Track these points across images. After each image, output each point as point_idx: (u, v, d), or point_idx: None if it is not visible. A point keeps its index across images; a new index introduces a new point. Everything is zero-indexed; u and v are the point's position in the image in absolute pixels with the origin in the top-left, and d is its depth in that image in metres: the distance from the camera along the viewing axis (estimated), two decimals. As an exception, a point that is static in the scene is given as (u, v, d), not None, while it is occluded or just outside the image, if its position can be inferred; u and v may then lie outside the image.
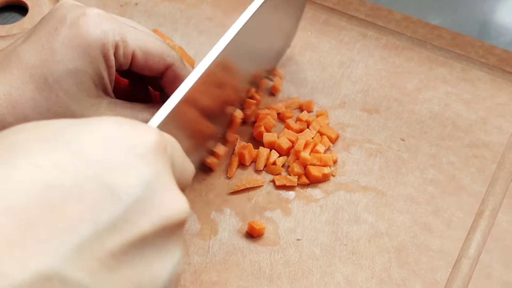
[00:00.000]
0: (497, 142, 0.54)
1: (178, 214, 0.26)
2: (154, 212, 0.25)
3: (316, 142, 0.52)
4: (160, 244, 0.26)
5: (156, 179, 0.26)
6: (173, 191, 0.26)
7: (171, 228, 0.26)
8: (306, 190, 0.51)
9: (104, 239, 0.23)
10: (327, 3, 0.65)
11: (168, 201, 0.26)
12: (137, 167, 0.25)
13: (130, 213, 0.24)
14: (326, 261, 0.46)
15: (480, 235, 0.48)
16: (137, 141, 0.26)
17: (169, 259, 0.26)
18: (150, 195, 0.25)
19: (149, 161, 0.26)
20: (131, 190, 0.24)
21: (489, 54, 0.60)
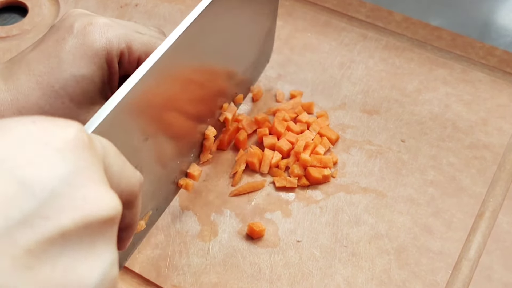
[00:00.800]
0: (497, 144, 0.54)
1: (104, 211, 0.24)
2: (74, 207, 0.24)
3: (316, 143, 0.52)
4: (86, 243, 0.24)
5: (76, 174, 0.24)
6: (99, 187, 0.25)
7: (97, 226, 0.24)
8: (306, 192, 0.50)
9: (17, 236, 0.22)
10: (327, 4, 0.65)
11: (91, 197, 0.24)
12: (54, 161, 0.24)
13: (46, 208, 0.23)
14: (326, 262, 0.46)
15: (481, 237, 0.48)
16: (54, 136, 0.25)
17: (97, 260, 0.24)
18: (70, 190, 0.24)
19: (67, 155, 0.24)
20: (46, 185, 0.23)
21: (490, 55, 0.60)
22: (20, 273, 0.22)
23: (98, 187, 0.25)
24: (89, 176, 0.25)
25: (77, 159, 0.25)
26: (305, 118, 0.54)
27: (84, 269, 0.24)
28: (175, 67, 0.41)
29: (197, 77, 0.45)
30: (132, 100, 0.37)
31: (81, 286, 0.23)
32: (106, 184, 0.26)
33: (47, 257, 0.23)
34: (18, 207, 0.22)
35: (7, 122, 0.25)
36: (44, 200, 0.23)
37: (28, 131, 0.24)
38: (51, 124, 0.25)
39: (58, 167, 0.24)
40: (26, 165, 0.23)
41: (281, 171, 0.51)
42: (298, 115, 0.54)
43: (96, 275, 0.24)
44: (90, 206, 0.24)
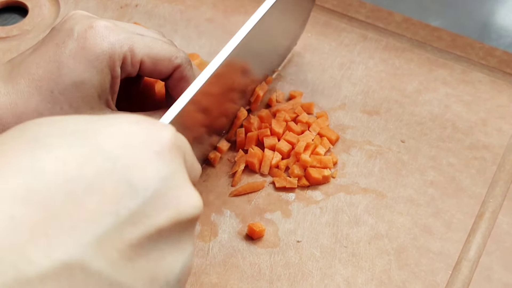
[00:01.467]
0: (497, 144, 0.54)
1: (192, 210, 0.27)
2: (170, 207, 0.26)
3: (316, 144, 0.52)
4: (174, 238, 0.26)
5: (172, 175, 0.26)
6: (188, 188, 0.27)
7: (185, 223, 0.27)
8: (306, 192, 0.50)
9: (124, 231, 0.24)
10: (327, 4, 0.65)
11: (183, 197, 0.27)
12: (155, 163, 0.26)
13: (147, 207, 0.25)
14: (326, 263, 0.46)
15: (481, 237, 0.48)
16: (154, 138, 0.27)
17: (182, 252, 0.27)
18: (167, 190, 0.26)
19: (165, 158, 0.27)
20: (148, 185, 0.25)
21: (490, 56, 0.60)
22: (123, 264, 0.24)
23: (187, 188, 0.27)
24: (180, 177, 0.27)
25: (171, 161, 0.27)
26: (305, 118, 0.54)
27: (171, 261, 0.26)
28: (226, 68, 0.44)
29: (237, 70, 0.48)
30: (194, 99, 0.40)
31: (168, 276, 0.26)
32: (191, 184, 0.28)
33: (144, 251, 0.25)
34: (126, 205, 0.25)
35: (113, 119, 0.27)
36: (146, 199, 0.25)
37: (133, 132, 0.27)
38: (150, 125, 0.28)
39: (158, 169, 0.26)
40: (132, 165, 0.25)
41: (281, 171, 0.51)
42: (298, 116, 0.54)
43: (180, 266, 0.27)
44: (182, 206, 0.27)
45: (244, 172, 0.51)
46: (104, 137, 0.26)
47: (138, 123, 0.27)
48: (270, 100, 0.56)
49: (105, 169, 0.25)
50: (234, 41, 0.44)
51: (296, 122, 0.54)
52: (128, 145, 0.26)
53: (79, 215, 0.23)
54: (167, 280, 0.26)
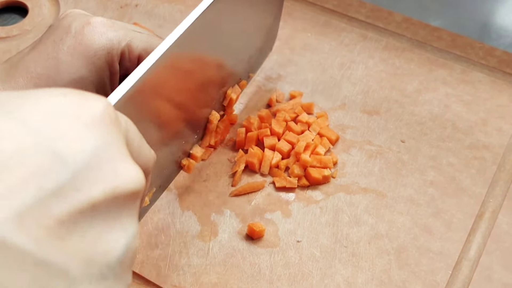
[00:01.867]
0: (497, 144, 0.54)
1: (130, 184, 0.25)
2: (104, 180, 0.24)
3: (317, 144, 0.52)
4: (112, 215, 0.25)
5: (106, 147, 0.25)
6: (125, 161, 0.25)
7: (123, 199, 0.25)
8: (306, 192, 0.50)
9: (50, 206, 0.22)
10: (328, 4, 0.65)
11: (119, 170, 0.25)
12: (85, 134, 0.24)
13: (78, 181, 0.23)
14: (326, 263, 0.46)
15: (481, 237, 0.48)
16: (85, 109, 0.25)
17: (122, 232, 0.25)
18: (100, 162, 0.24)
19: (97, 130, 0.25)
20: (78, 157, 0.24)
21: (490, 56, 0.60)
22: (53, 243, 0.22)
23: (125, 161, 0.25)
24: (116, 150, 0.25)
25: (105, 133, 0.25)
26: (305, 118, 0.54)
27: (110, 240, 0.24)
28: (182, 56, 0.42)
29: (202, 65, 0.46)
30: (144, 82, 0.38)
31: (107, 256, 0.24)
32: (131, 158, 0.26)
33: (77, 228, 0.23)
34: (52, 178, 0.23)
35: (38, 93, 0.25)
36: (76, 172, 0.23)
37: (60, 104, 0.25)
38: (81, 98, 0.26)
39: (89, 140, 0.24)
40: (59, 137, 0.24)
41: (281, 171, 0.51)
42: (298, 116, 0.54)
43: (121, 246, 0.25)
44: (119, 179, 0.24)
45: (244, 172, 0.51)
46: (28, 110, 0.24)
47: (65, 95, 0.25)
48: (270, 100, 0.56)
49: (27, 142, 0.23)
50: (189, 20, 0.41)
51: (296, 122, 0.54)
52: (54, 116, 0.24)
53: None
54: (107, 261, 0.24)
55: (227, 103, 0.52)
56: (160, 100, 0.42)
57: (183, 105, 0.47)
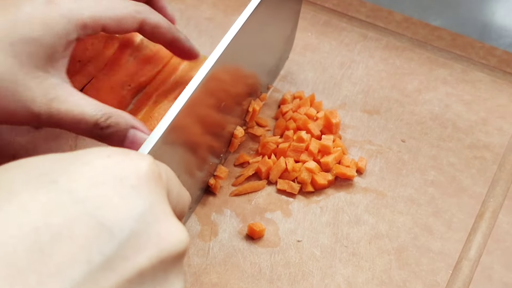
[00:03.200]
0: (497, 144, 0.54)
1: (176, 245, 0.25)
2: (150, 245, 0.24)
3: (344, 151, 0.52)
4: (160, 278, 0.25)
5: (151, 210, 0.24)
6: (170, 221, 0.25)
7: (171, 261, 0.25)
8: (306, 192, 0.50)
9: (99, 279, 0.22)
10: (328, 4, 0.65)
11: (165, 232, 0.25)
12: (130, 199, 0.24)
13: (125, 249, 0.23)
14: (327, 262, 0.46)
15: (481, 237, 0.48)
16: (129, 171, 0.25)
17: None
18: (145, 227, 0.24)
19: (142, 191, 0.25)
20: (124, 225, 0.23)
21: (490, 55, 0.60)
22: None
23: (169, 221, 0.25)
24: (161, 210, 0.25)
25: (150, 194, 0.25)
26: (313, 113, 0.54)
27: None
28: (212, 82, 0.42)
29: (228, 84, 0.46)
30: (177, 122, 0.38)
31: None
32: (174, 216, 0.26)
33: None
34: (99, 250, 0.23)
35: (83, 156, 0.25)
36: (123, 240, 0.23)
37: (105, 167, 0.24)
38: (123, 157, 0.25)
39: (135, 205, 0.24)
40: (104, 205, 0.23)
41: (288, 173, 0.50)
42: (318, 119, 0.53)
43: None
44: (164, 242, 0.24)
45: (245, 171, 0.51)
46: (73, 178, 0.24)
47: (109, 157, 0.25)
48: (283, 100, 0.55)
49: (74, 213, 0.23)
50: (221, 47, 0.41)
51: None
52: (100, 182, 0.24)
53: (46, 268, 0.21)
54: None
55: (250, 117, 0.52)
56: (191, 131, 0.42)
57: (211, 128, 0.46)
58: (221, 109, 0.47)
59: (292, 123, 0.53)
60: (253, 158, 0.51)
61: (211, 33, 0.61)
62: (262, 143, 0.52)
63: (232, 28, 0.43)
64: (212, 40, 0.60)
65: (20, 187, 0.23)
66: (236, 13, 0.62)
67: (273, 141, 0.51)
